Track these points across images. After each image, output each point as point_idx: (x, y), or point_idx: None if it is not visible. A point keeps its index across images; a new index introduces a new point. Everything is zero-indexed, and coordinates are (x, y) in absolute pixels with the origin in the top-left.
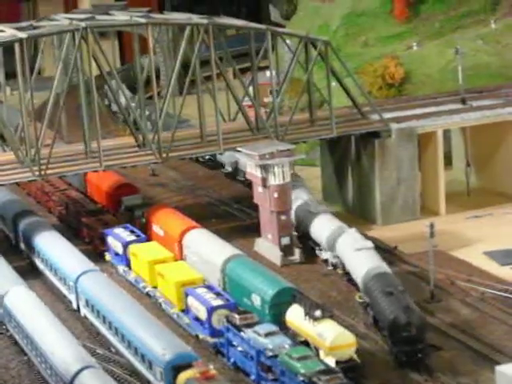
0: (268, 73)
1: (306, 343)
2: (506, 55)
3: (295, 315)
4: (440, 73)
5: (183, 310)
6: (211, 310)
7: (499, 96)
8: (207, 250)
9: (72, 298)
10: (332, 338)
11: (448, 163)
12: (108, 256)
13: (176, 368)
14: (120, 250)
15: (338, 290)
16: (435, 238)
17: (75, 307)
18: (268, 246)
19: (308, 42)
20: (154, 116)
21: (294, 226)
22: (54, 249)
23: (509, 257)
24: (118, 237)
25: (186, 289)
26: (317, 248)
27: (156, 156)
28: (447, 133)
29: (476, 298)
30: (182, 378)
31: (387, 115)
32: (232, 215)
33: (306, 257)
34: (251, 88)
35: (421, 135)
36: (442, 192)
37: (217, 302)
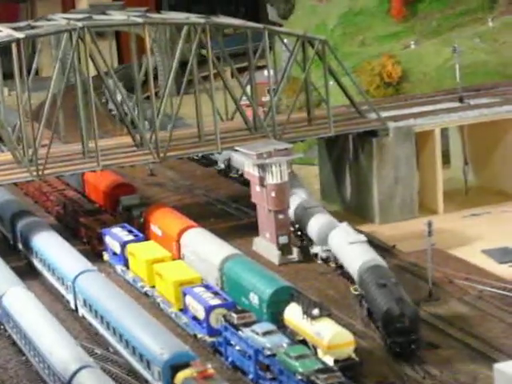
0: (266, 72)
1: (304, 342)
2: (504, 53)
3: (293, 314)
4: (437, 71)
5: (181, 310)
6: (209, 310)
7: (497, 94)
8: (205, 250)
9: (70, 297)
10: (330, 337)
11: (446, 162)
12: (106, 256)
13: (174, 367)
14: (118, 250)
15: (336, 288)
16: (433, 236)
17: (73, 307)
18: (266, 245)
19: (305, 41)
20: (149, 114)
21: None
22: (52, 249)
23: (507, 255)
24: (115, 236)
25: (183, 288)
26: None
27: (154, 156)
28: (445, 131)
29: (474, 296)
30: (180, 377)
31: (385, 114)
32: (230, 214)
33: (304, 255)
34: (249, 87)
35: (418, 134)
36: (440, 190)
37: (215, 302)
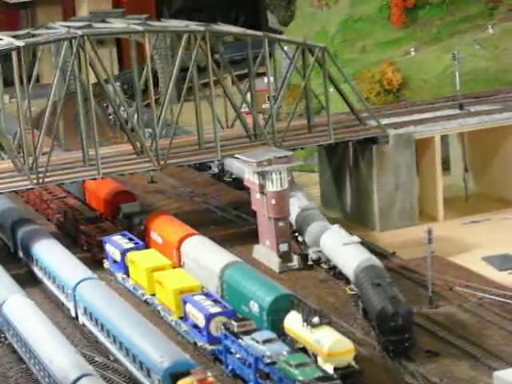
0: (266, 79)
1: (304, 350)
2: (504, 60)
3: (293, 322)
4: (437, 78)
5: (181, 318)
6: (209, 317)
7: (497, 101)
8: (205, 257)
9: (70, 305)
10: (330, 345)
11: (446, 168)
12: (106, 263)
13: (174, 375)
14: (118, 258)
15: (336, 296)
16: (433, 243)
17: (74, 315)
18: (266, 253)
19: (305, 48)
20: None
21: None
22: (53, 257)
23: (507, 262)
24: (116, 244)
25: (184, 296)
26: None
27: (154, 163)
28: (445, 138)
29: (474, 304)
30: None
31: (385, 121)
32: (230, 221)
33: (304, 263)
34: (249, 94)
35: (418, 141)
36: (440, 197)
37: (215, 309)
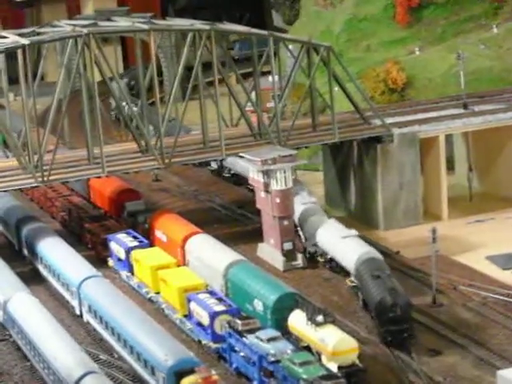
0: (270, 78)
1: (308, 348)
2: (508, 60)
3: (297, 320)
4: (442, 77)
5: (186, 316)
6: (214, 316)
7: (501, 100)
8: (210, 256)
9: (75, 303)
10: (334, 343)
11: (450, 168)
12: (111, 262)
13: (178, 373)
14: (123, 256)
15: (340, 294)
16: (437, 242)
17: (78, 313)
18: (270, 251)
19: (310, 47)
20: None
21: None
22: (57, 254)
23: (511, 261)
24: (120, 242)
25: (188, 294)
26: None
27: (159, 161)
28: (449, 137)
29: (478, 303)
30: (185, 383)
31: (389, 120)
32: (234, 220)
33: (309, 262)
34: (253, 93)
35: (423, 140)
36: (445, 197)
37: (219, 308)
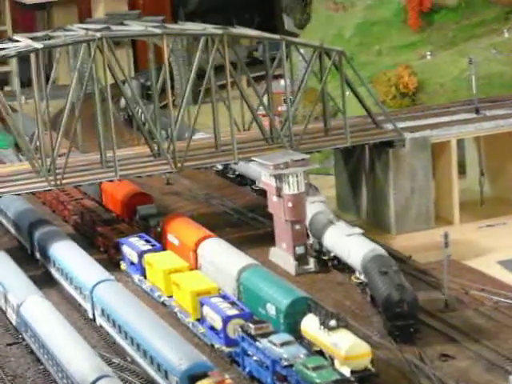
0: (282, 81)
1: (321, 353)
2: None
3: (310, 325)
4: (453, 82)
5: (198, 320)
6: (226, 320)
7: None
8: (222, 260)
9: (88, 307)
10: (347, 348)
11: (461, 172)
12: (123, 265)
13: (192, 377)
14: (135, 260)
15: (352, 299)
16: (449, 247)
17: (91, 316)
18: (282, 255)
19: (322, 51)
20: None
21: None
22: (70, 258)
23: None
24: (133, 246)
25: (201, 298)
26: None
27: (171, 165)
28: (461, 142)
29: (490, 308)
30: None
31: (401, 125)
32: (246, 224)
33: (321, 266)
34: (265, 97)
35: (434, 144)
36: (456, 201)
37: (232, 312)
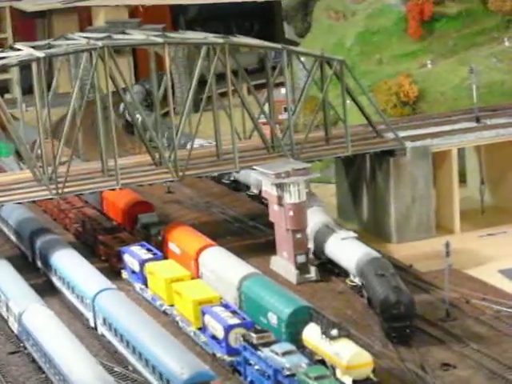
0: (283, 90)
1: (322, 362)
2: None
3: (312, 334)
4: (454, 90)
5: (200, 329)
6: (228, 329)
7: None
8: (223, 268)
9: (89, 315)
10: (349, 357)
11: (462, 181)
12: (124, 274)
13: None
14: (137, 268)
15: (354, 308)
16: (450, 256)
17: (92, 325)
18: (284, 264)
19: (323, 60)
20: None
21: None
22: (71, 267)
23: None
24: (134, 255)
25: (202, 307)
26: None
27: (172, 174)
28: (461, 151)
29: (491, 317)
30: None
31: (402, 133)
32: (247, 232)
33: (322, 275)
34: (266, 105)
35: (435, 153)
36: (457, 210)
37: (234, 321)
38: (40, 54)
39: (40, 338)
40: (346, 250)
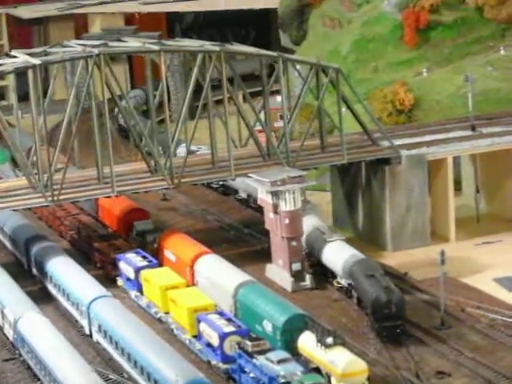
0: (278, 98)
1: (317, 370)
2: None
3: (307, 342)
4: (449, 99)
5: (195, 336)
6: (223, 337)
7: (509, 123)
8: (219, 276)
9: (84, 323)
10: (344, 365)
11: (457, 189)
12: (120, 281)
13: None
14: (132, 276)
15: (349, 316)
16: (445, 264)
17: (88, 332)
18: (279, 272)
19: (319, 68)
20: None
21: None
22: (67, 274)
23: None
24: (129, 262)
25: (198, 315)
26: None
27: (168, 182)
28: (457, 159)
29: (486, 325)
30: None
31: (397, 142)
32: (242, 240)
33: (317, 282)
34: (262, 113)
35: (431, 162)
36: (452, 218)
37: (229, 329)
38: (36, 61)
39: (35, 345)
40: (334, 252)
